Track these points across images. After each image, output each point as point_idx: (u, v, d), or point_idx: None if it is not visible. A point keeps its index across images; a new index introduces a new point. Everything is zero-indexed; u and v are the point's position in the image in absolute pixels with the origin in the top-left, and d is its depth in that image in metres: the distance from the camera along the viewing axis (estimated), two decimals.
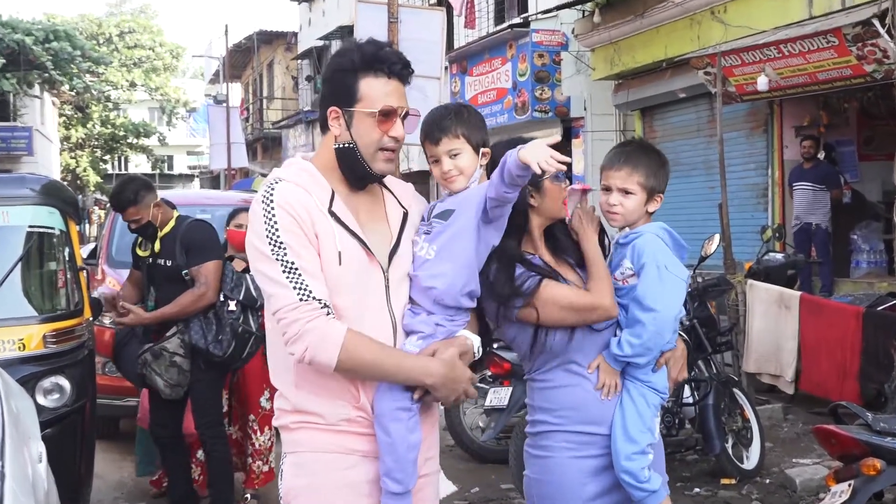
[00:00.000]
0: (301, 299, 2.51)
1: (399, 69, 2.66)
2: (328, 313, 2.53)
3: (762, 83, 10.07)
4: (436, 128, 2.76)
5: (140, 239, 5.71)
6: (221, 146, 28.11)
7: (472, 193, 2.72)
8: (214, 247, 5.59)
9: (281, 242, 2.54)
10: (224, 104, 30.19)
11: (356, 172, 2.68)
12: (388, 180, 2.86)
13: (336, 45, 27.78)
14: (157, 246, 5.57)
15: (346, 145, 2.66)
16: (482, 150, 2.78)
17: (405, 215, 2.78)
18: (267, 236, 2.55)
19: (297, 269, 2.53)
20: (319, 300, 2.52)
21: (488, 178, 2.74)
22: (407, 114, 2.68)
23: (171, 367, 5.45)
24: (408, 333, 2.68)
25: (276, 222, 2.54)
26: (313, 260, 2.55)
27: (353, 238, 2.62)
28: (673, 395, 6.33)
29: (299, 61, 32.07)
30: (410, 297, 2.71)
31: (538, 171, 2.48)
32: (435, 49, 9.49)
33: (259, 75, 38.65)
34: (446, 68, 16.46)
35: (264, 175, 29.71)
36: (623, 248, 2.87)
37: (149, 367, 5.45)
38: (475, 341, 2.73)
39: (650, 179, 2.88)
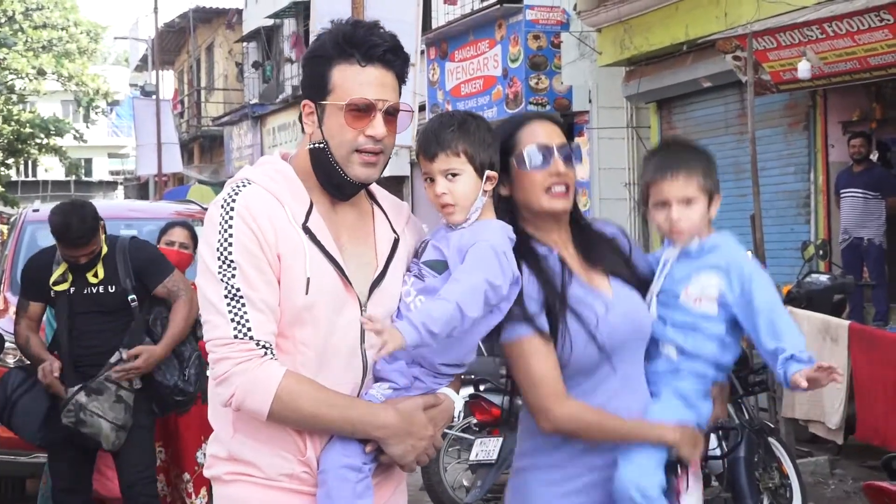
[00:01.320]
0: (236, 336, 2.53)
1: (380, 53, 2.64)
2: (265, 354, 2.54)
3: (803, 70, 10.14)
4: (433, 140, 2.74)
5: (58, 268, 5.59)
6: (150, 147, 28.06)
7: (469, 250, 2.67)
8: (165, 260, 5.81)
9: (231, 262, 2.54)
10: (153, 96, 30.15)
11: (331, 179, 2.68)
12: (382, 197, 2.86)
13: (289, 25, 27.86)
14: (98, 272, 5.55)
15: (318, 145, 2.67)
16: (487, 173, 2.75)
17: (396, 241, 2.78)
18: (218, 251, 2.56)
19: (241, 297, 2.54)
20: (258, 341, 2.54)
21: (494, 207, 2.78)
22: (394, 109, 2.67)
23: (116, 403, 5.40)
24: (378, 379, 2.68)
25: (231, 235, 2.55)
26: (266, 289, 2.55)
27: (329, 262, 2.62)
28: None
29: (244, 44, 32.10)
30: None
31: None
32: (409, 30, 9.52)
33: (196, 61, 38.63)
34: (422, 53, 16.52)
35: (203, 182, 29.70)
36: (695, 259, 2.93)
37: (86, 411, 5.36)
38: (455, 400, 2.75)
39: (708, 180, 2.96)
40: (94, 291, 5.54)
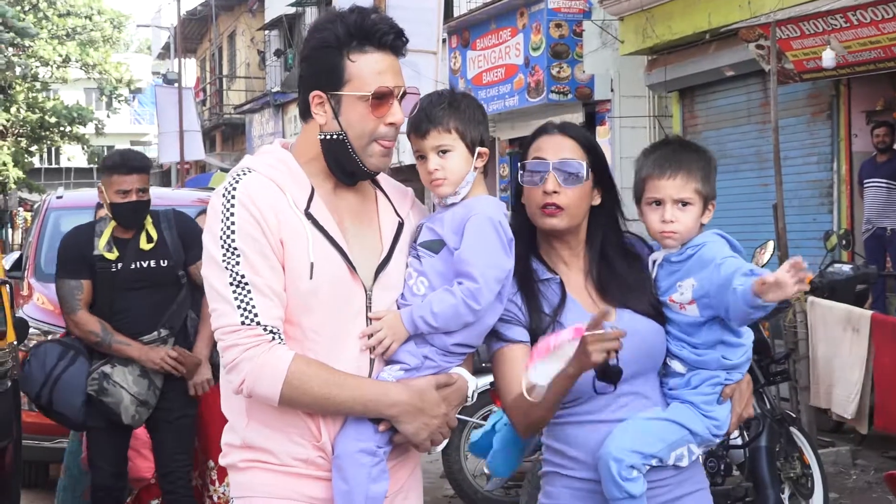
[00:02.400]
0: (243, 322, 2.55)
1: (392, 40, 2.66)
2: (273, 339, 2.56)
3: (827, 59, 10.09)
4: (424, 117, 2.77)
5: (103, 235, 5.42)
6: (172, 135, 28.13)
7: (466, 224, 2.70)
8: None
9: (235, 249, 2.56)
10: (175, 84, 30.21)
11: (345, 168, 2.70)
12: (384, 181, 2.87)
13: (311, 14, 27.86)
14: (145, 241, 5.41)
15: (335, 136, 2.67)
16: (479, 149, 2.79)
17: (400, 225, 2.79)
18: (221, 238, 2.58)
19: (246, 283, 2.55)
20: (265, 326, 2.55)
21: (485, 181, 2.79)
22: (405, 93, 2.69)
23: (141, 377, 5.35)
24: (389, 362, 2.70)
25: (233, 223, 2.57)
26: (270, 275, 2.57)
27: (333, 247, 2.63)
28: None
29: (266, 32, 32.11)
30: None
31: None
32: (430, 18, 9.53)
33: (218, 49, 38.69)
34: (444, 41, 16.49)
35: (224, 170, 29.74)
36: (677, 265, 2.87)
37: (110, 381, 5.31)
38: (469, 382, 2.75)
39: (706, 185, 2.88)
40: (145, 266, 5.40)
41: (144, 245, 5.41)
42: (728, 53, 12.50)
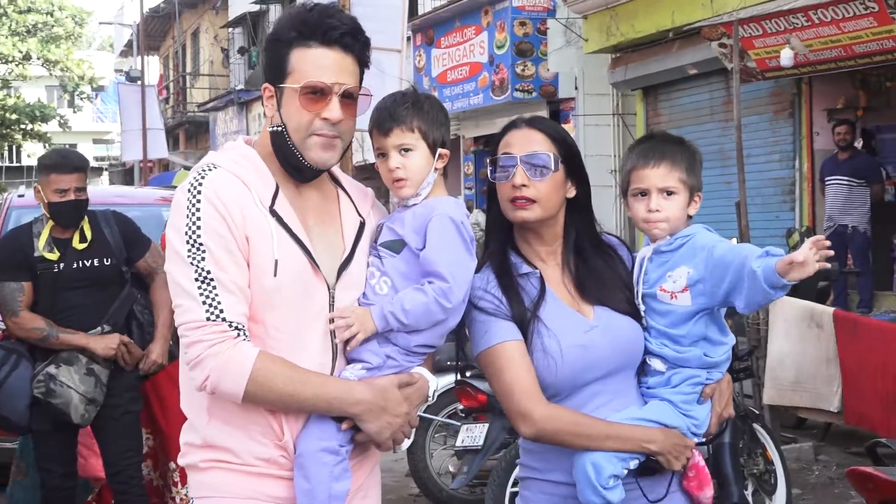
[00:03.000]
0: (208, 318, 2.53)
1: (338, 37, 2.65)
2: (238, 335, 2.55)
3: (785, 57, 10.16)
4: (387, 116, 2.77)
5: (42, 235, 5.39)
6: (135, 133, 27.92)
7: (428, 225, 2.71)
8: (143, 233, 5.70)
9: (200, 244, 2.55)
10: (138, 82, 30.01)
11: (290, 161, 2.70)
12: (346, 181, 2.87)
13: (275, 11, 27.76)
14: (78, 240, 5.37)
15: (277, 129, 2.69)
16: (440, 150, 2.80)
17: (362, 225, 2.79)
18: (186, 234, 2.57)
19: (212, 279, 2.54)
20: (230, 323, 2.54)
21: (444, 183, 2.80)
22: (351, 93, 2.67)
23: (87, 376, 5.32)
24: (351, 361, 2.70)
25: (199, 218, 2.56)
26: (235, 270, 2.56)
27: (297, 244, 2.63)
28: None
29: (230, 29, 31.97)
30: None
31: None
32: (395, 16, 9.50)
33: (181, 47, 38.48)
34: (408, 39, 16.47)
35: (187, 168, 29.60)
36: (667, 255, 2.87)
37: (57, 381, 5.27)
38: (430, 381, 2.76)
39: (691, 175, 2.90)
40: (88, 265, 5.38)
41: (77, 244, 5.38)
42: (691, 52, 12.57)
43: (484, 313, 2.77)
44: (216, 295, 2.54)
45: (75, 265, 5.37)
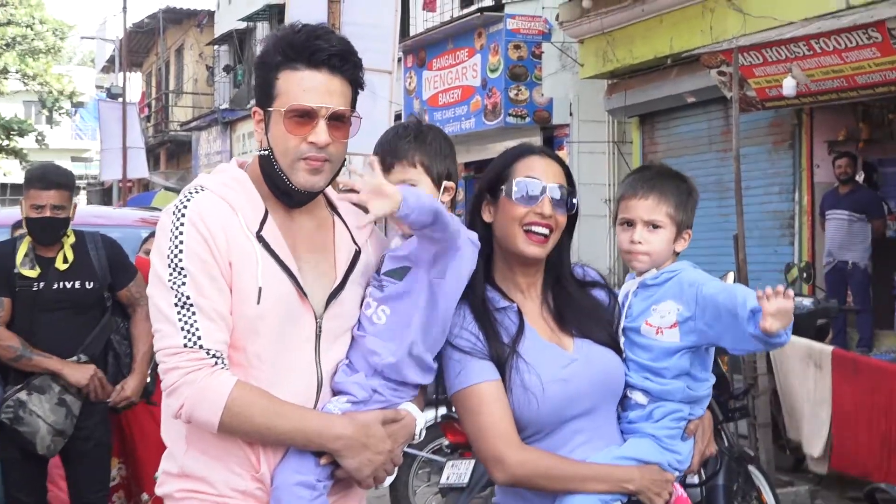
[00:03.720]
0: (186, 345, 2.54)
1: (325, 58, 2.66)
2: (215, 363, 2.54)
3: (787, 87, 10.20)
4: (388, 151, 2.78)
5: (21, 251, 5.34)
6: (115, 151, 27.87)
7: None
8: (131, 262, 5.67)
9: (182, 269, 2.56)
10: (119, 99, 30.02)
11: (278, 185, 2.70)
12: (344, 209, 2.86)
13: (263, 29, 27.82)
14: (61, 260, 5.33)
15: (265, 152, 2.70)
16: (445, 184, 2.79)
17: (357, 253, 2.79)
18: (168, 258, 2.57)
19: (191, 305, 2.55)
20: (208, 350, 2.54)
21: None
22: (339, 115, 2.67)
23: (58, 406, 5.27)
24: (337, 393, 2.69)
25: (181, 242, 2.57)
26: (217, 297, 2.56)
27: (283, 271, 2.63)
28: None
29: (216, 47, 32.04)
30: (348, 355, 2.72)
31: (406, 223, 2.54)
32: (386, 36, 9.51)
33: (165, 63, 38.51)
34: (399, 60, 16.52)
35: (169, 189, 29.57)
36: (653, 289, 2.89)
37: (26, 409, 5.22)
38: (418, 418, 2.74)
39: (680, 211, 2.92)
40: (69, 287, 5.34)
41: (60, 265, 5.35)
42: (689, 79, 12.61)
43: (459, 351, 2.75)
44: (195, 321, 2.54)
45: (56, 286, 5.34)
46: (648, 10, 12.77)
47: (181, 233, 2.57)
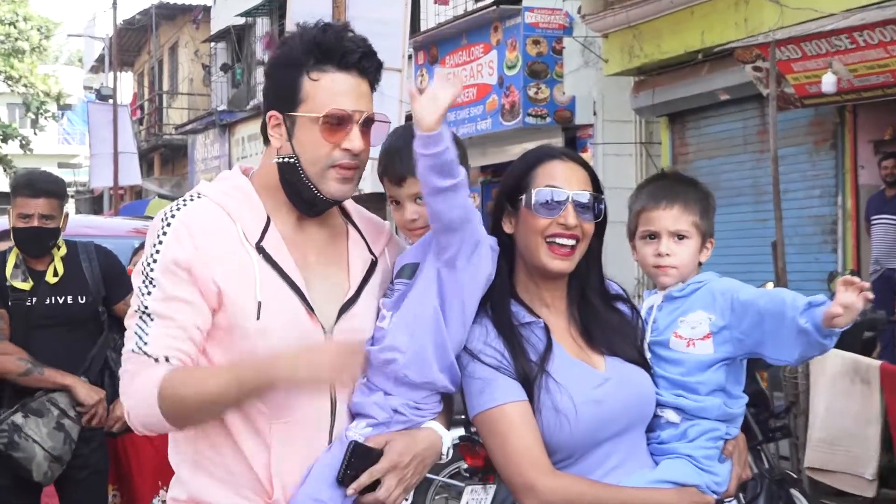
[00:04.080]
0: (133, 350, 2.58)
1: (357, 60, 2.68)
2: (157, 362, 2.55)
3: (827, 83, 10.18)
4: (398, 161, 2.79)
5: (9, 263, 5.35)
6: (106, 157, 28.00)
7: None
8: (127, 274, 5.62)
9: (152, 280, 2.59)
10: (110, 100, 30.12)
11: (302, 195, 2.71)
12: (358, 215, 2.89)
13: (263, 25, 27.89)
14: (51, 274, 5.34)
15: (288, 160, 2.69)
16: None
17: (373, 263, 2.81)
18: (143, 263, 2.62)
19: (150, 315, 2.57)
20: (149, 354, 2.56)
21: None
22: (370, 120, 2.70)
23: (56, 430, 5.27)
24: (356, 415, 2.70)
25: (158, 251, 2.60)
26: (185, 309, 2.57)
27: (287, 284, 2.64)
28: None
29: (212, 44, 32.11)
30: (365, 373, 2.73)
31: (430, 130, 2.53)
32: (395, 32, 9.54)
33: (158, 63, 38.63)
34: (410, 57, 16.56)
35: (163, 197, 29.66)
36: (679, 301, 2.91)
37: (22, 433, 5.22)
38: (444, 436, 2.76)
39: (704, 220, 2.96)
40: (61, 302, 5.36)
41: (50, 278, 5.36)
42: (722, 75, 12.60)
43: (483, 368, 2.74)
44: (148, 330, 2.57)
45: (48, 301, 5.35)
46: (678, 2, 12.76)
47: (160, 242, 2.60)
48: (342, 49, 2.66)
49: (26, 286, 5.33)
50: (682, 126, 14.31)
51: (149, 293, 2.58)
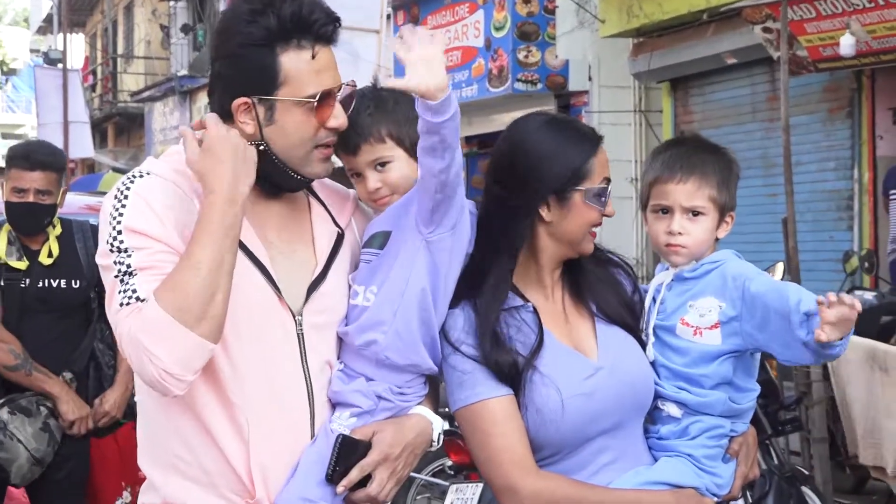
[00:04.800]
0: (121, 304, 2.52)
1: (331, 31, 2.69)
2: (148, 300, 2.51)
3: (845, 45, 10.20)
4: (350, 131, 2.79)
5: (3, 241, 5.37)
6: (55, 127, 27.87)
7: (409, 198, 2.76)
8: None
9: (125, 248, 2.55)
10: (59, 65, 30.00)
11: (276, 181, 2.73)
12: (321, 188, 2.90)
13: None
14: (45, 255, 5.34)
15: (258, 146, 2.67)
16: None
17: (340, 237, 2.82)
18: (109, 243, 2.58)
19: (133, 272, 2.53)
20: (143, 299, 2.50)
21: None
22: (341, 88, 2.71)
23: (42, 431, 5.30)
24: (337, 405, 2.72)
25: (120, 223, 2.57)
26: (165, 258, 2.54)
27: (252, 263, 2.66)
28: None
29: (172, 4, 31.98)
30: (342, 359, 2.75)
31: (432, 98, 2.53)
32: None
33: (112, 23, 38.48)
34: (388, 17, 16.52)
35: (117, 170, 29.57)
36: (690, 283, 2.92)
37: (7, 432, 5.22)
38: (434, 422, 2.78)
39: (723, 192, 2.94)
40: (54, 285, 5.37)
41: (44, 259, 5.37)
42: (729, 37, 12.62)
43: (464, 360, 2.76)
44: (133, 282, 2.52)
45: (40, 283, 5.37)
46: None
47: (121, 214, 2.58)
48: (319, 22, 2.66)
49: (22, 265, 5.34)
50: (685, 92, 14.33)
51: (129, 256, 2.54)
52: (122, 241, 2.56)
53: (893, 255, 11.13)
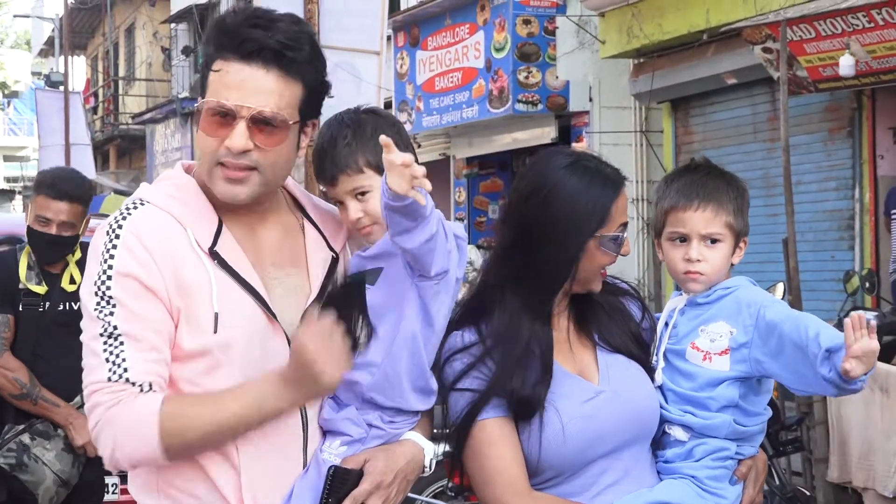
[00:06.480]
0: (109, 378, 2.53)
1: (255, 50, 2.61)
2: (143, 390, 2.53)
3: (845, 66, 10.20)
4: (327, 161, 2.78)
5: (22, 264, 5.34)
6: (56, 149, 27.90)
7: None
8: None
9: (110, 297, 2.56)
10: (61, 87, 30.05)
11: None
12: (315, 211, 2.88)
13: (227, 2, 27.83)
14: (67, 280, 5.31)
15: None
16: None
17: (334, 261, 2.81)
18: (95, 285, 2.58)
19: (119, 335, 2.54)
20: (133, 382, 2.52)
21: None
22: (267, 119, 2.60)
23: (65, 452, 5.28)
24: (327, 433, 2.71)
25: (111, 266, 2.57)
26: (151, 326, 2.56)
27: (245, 291, 2.64)
28: None
29: (173, 25, 32.03)
30: None
31: (402, 195, 2.47)
32: (373, 10, 9.53)
33: (113, 45, 38.54)
34: (389, 39, 16.55)
35: (120, 193, 29.57)
36: (703, 308, 2.92)
37: (30, 454, 5.23)
38: (426, 448, 2.77)
39: (739, 219, 2.96)
40: (76, 308, 5.22)
41: (66, 285, 5.34)
42: (729, 58, 12.63)
43: (465, 380, 2.76)
44: (122, 352, 2.54)
45: (60, 307, 5.34)
46: None
47: (111, 256, 2.58)
48: (242, 36, 2.62)
49: (41, 290, 5.32)
50: (685, 113, 14.33)
51: (111, 313, 2.55)
52: (108, 287, 2.56)
53: (895, 274, 11.12)
